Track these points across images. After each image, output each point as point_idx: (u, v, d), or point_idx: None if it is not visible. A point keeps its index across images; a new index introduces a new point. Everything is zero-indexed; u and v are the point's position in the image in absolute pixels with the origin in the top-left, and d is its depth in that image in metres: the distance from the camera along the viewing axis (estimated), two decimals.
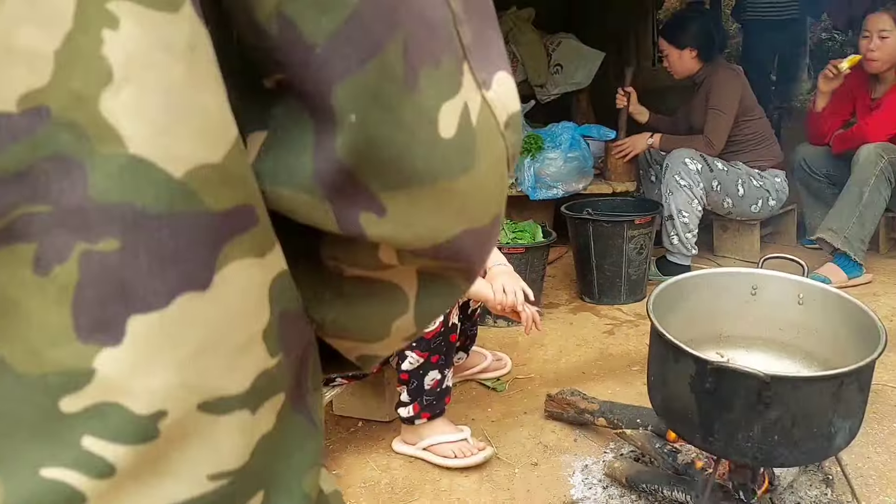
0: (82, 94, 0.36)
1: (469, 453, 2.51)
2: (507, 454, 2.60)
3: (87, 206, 0.37)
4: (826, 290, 2.27)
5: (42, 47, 0.35)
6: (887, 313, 3.50)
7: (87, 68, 0.36)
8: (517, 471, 2.52)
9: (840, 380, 1.84)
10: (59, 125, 0.36)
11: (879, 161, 3.67)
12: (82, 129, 0.36)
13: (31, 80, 0.35)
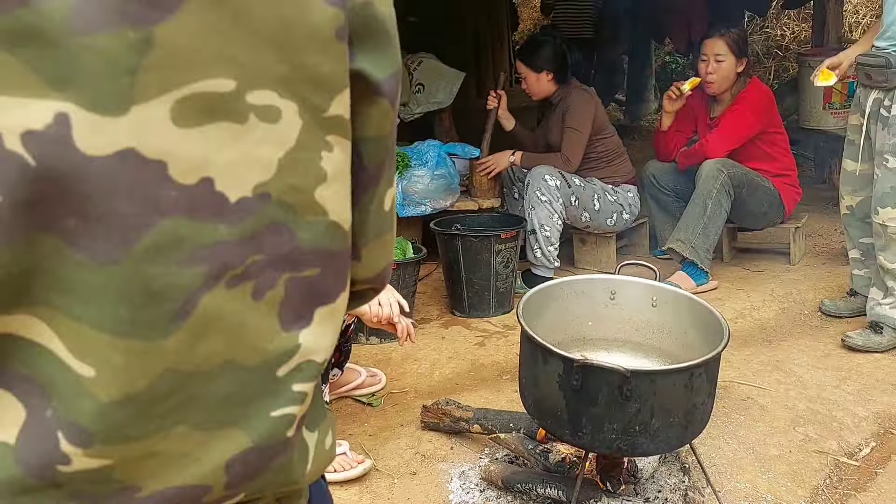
0: (300, 186, 0.58)
1: (348, 466, 2.55)
2: (385, 465, 2.66)
3: (296, 252, 0.59)
4: (676, 292, 2.47)
5: (271, 157, 0.56)
6: (732, 316, 3.78)
7: (306, 171, 0.58)
8: (396, 481, 2.58)
9: (691, 372, 2.01)
10: (275, 205, 0.57)
11: (720, 175, 3.97)
12: (292, 207, 0.58)
13: (261, 177, 0.55)
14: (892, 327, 3.38)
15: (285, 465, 0.63)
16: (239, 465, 0.59)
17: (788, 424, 2.87)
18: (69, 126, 0.47)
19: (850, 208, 3.63)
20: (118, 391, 0.52)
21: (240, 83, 0.53)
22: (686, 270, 4.04)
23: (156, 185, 0.50)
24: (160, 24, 0.49)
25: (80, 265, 0.50)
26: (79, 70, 0.47)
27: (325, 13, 0.57)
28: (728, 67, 4.08)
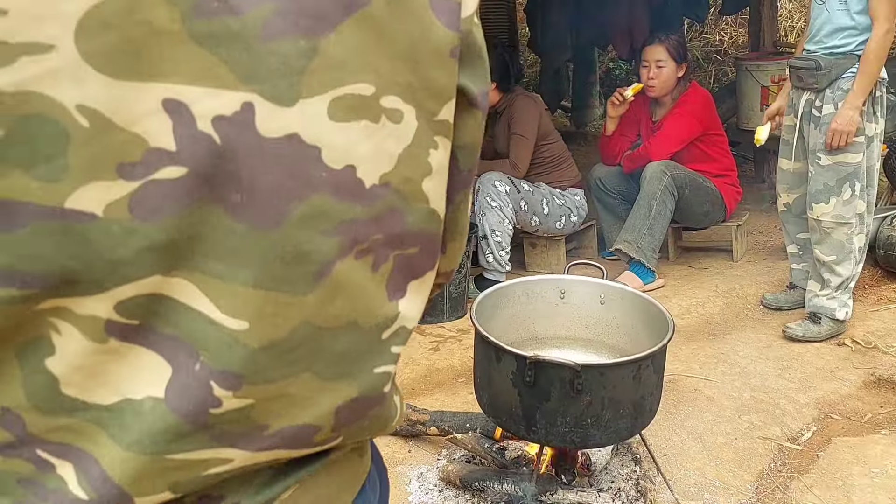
0: (412, 177, 0.68)
1: None
2: None
3: (405, 233, 0.69)
4: (623, 289, 2.56)
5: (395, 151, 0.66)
6: (678, 312, 3.91)
7: (417, 165, 0.68)
8: None
9: (638, 364, 2.10)
10: (393, 192, 0.67)
11: (663, 177, 4.09)
12: (405, 195, 0.68)
13: (386, 168, 0.66)
14: (830, 317, 3.53)
15: (379, 415, 0.75)
16: (345, 411, 0.70)
17: (734, 413, 2.98)
18: (253, 113, 0.58)
19: (786, 205, 3.77)
20: (266, 338, 0.62)
21: (377, 89, 0.64)
22: (633, 270, 4.15)
23: (311, 165, 0.61)
24: (324, 36, 0.60)
25: (241, 233, 0.59)
26: (263, 68, 0.58)
27: (446, 36, 0.68)
28: (668, 73, 4.22)
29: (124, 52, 0.53)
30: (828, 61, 3.35)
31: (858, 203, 3.44)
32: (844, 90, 3.34)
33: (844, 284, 3.52)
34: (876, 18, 3.21)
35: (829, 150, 3.37)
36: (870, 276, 4.18)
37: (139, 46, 0.53)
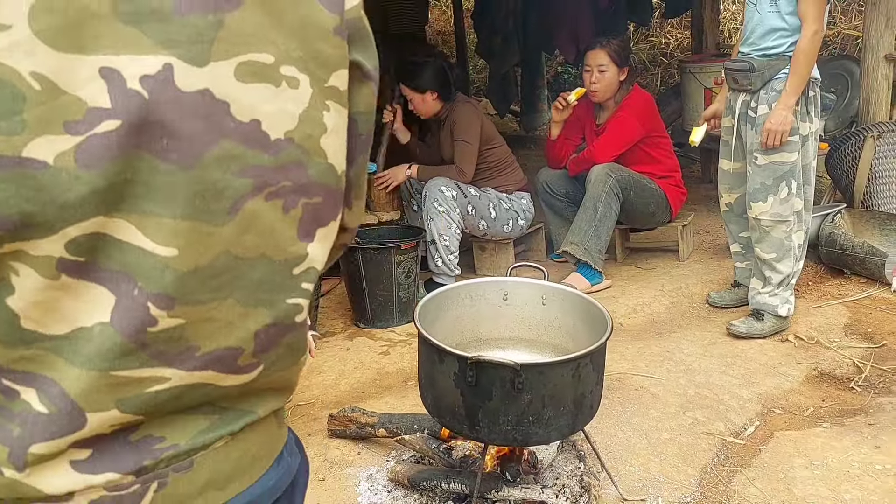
0: (312, 134, 0.81)
1: None
2: None
3: (309, 183, 0.82)
4: (563, 290, 2.59)
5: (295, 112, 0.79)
6: (625, 312, 3.97)
7: (315, 125, 0.81)
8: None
9: (577, 362, 2.13)
10: (296, 147, 0.79)
11: (608, 179, 4.15)
12: (308, 150, 0.81)
13: (289, 126, 0.78)
14: (772, 314, 3.60)
15: (291, 345, 0.87)
16: (263, 335, 0.82)
17: (679, 409, 3.03)
18: (172, 72, 0.69)
19: (728, 205, 3.85)
20: (193, 263, 0.74)
21: (276, 59, 0.77)
22: (580, 271, 4.20)
23: (222, 116, 0.73)
24: (229, 13, 0.73)
25: (166, 172, 0.70)
26: (179, 36, 0.70)
27: (329, 17, 0.83)
28: (611, 76, 4.28)
29: (67, 30, 0.64)
30: (761, 63, 3.42)
31: (796, 201, 3.52)
32: (778, 91, 3.41)
33: (786, 281, 3.59)
34: (805, 20, 3.29)
35: (765, 149, 3.44)
36: (813, 272, 4.28)
37: (79, 26, 0.65)
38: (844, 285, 4.12)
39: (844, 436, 2.81)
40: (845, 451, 2.71)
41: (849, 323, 3.71)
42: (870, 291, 3.99)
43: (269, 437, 0.90)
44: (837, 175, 4.71)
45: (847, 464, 2.65)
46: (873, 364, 3.31)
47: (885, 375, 3.23)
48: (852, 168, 4.52)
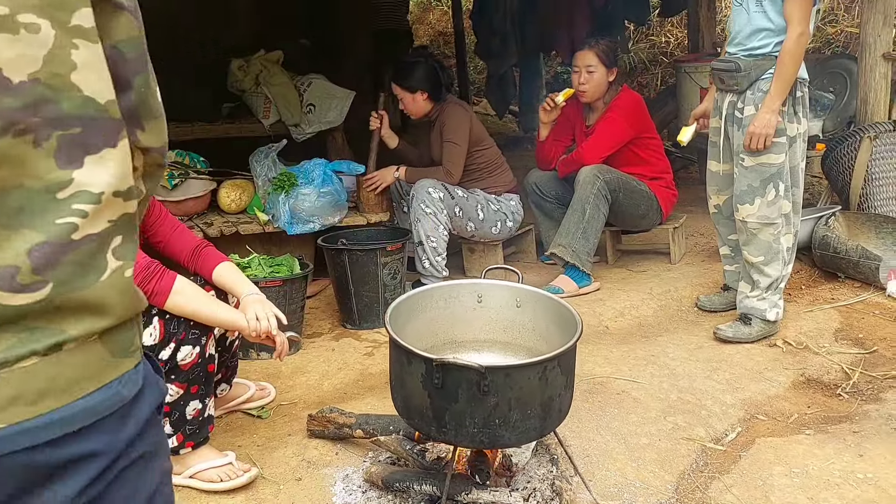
0: (59, 72, 0.89)
1: (234, 476, 2.59)
2: (271, 473, 2.69)
3: (62, 116, 0.90)
4: (537, 293, 2.57)
5: (38, 55, 0.88)
6: (612, 315, 3.94)
7: (63, 63, 0.90)
8: (282, 487, 2.62)
9: (544, 365, 2.11)
10: (44, 86, 0.88)
11: (596, 181, 4.12)
12: (57, 87, 0.89)
13: (33, 68, 0.87)
14: (761, 318, 3.57)
15: (80, 262, 0.94)
16: (37, 253, 0.90)
17: (659, 414, 3.00)
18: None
19: (717, 207, 3.82)
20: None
21: (11, 9, 0.86)
22: (568, 274, 4.17)
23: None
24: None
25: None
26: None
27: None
28: (599, 77, 4.25)
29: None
30: (747, 63, 3.40)
31: (783, 203, 3.49)
32: (764, 91, 3.38)
33: (774, 285, 3.56)
34: (790, 21, 3.26)
35: (749, 152, 3.41)
36: (807, 276, 4.24)
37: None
38: (838, 289, 4.08)
39: (827, 443, 2.77)
40: (827, 458, 2.68)
41: (840, 328, 3.66)
42: (863, 296, 3.94)
43: (91, 362, 0.96)
44: (834, 176, 4.67)
45: (828, 472, 2.61)
46: (862, 370, 3.27)
47: (874, 382, 3.19)
48: (848, 169, 4.48)
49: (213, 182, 4.46)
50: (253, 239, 4.14)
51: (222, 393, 3.04)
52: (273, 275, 3.55)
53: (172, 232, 2.81)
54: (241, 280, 2.77)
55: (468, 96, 9.36)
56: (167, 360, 2.47)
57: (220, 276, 2.77)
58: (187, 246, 2.80)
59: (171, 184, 4.32)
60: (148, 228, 2.79)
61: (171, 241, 2.80)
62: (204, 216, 4.38)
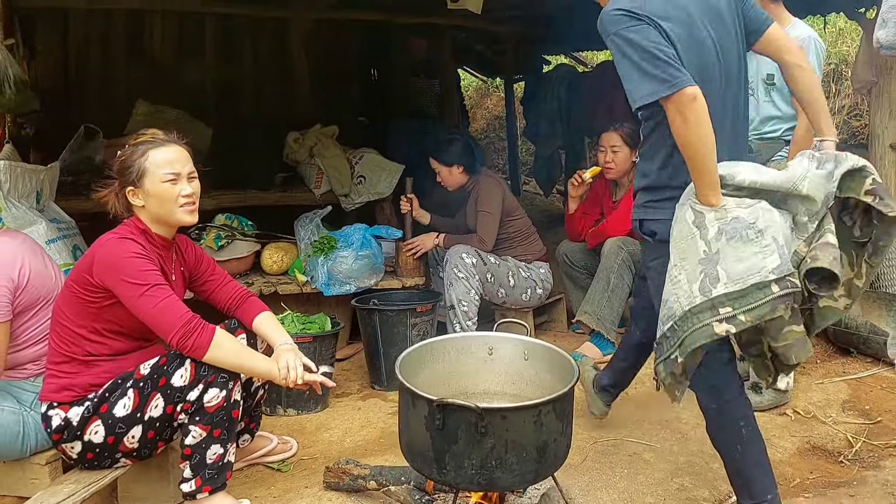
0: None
1: None
2: None
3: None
4: (544, 345, 2.72)
5: None
6: (633, 383, 4.01)
7: None
8: None
9: (539, 409, 2.25)
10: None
11: (620, 252, 4.29)
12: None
13: None
14: (771, 388, 3.63)
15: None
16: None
17: (667, 475, 3.08)
18: None
19: None
20: None
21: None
22: (593, 341, 4.31)
23: None
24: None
25: None
26: None
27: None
28: (623, 157, 4.48)
29: None
30: (758, 145, 3.59)
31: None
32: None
33: None
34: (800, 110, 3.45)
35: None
36: (821, 351, 4.31)
37: None
38: (849, 364, 4.18)
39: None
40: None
41: (848, 399, 3.74)
42: (873, 370, 4.04)
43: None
44: None
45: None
46: (865, 439, 3.33)
47: (876, 450, 3.25)
48: None
49: (258, 244, 4.72)
50: (291, 299, 4.35)
51: (244, 443, 3.16)
52: (304, 331, 3.74)
53: (221, 285, 3.01)
54: (277, 330, 2.91)
55: (517, 175, 9.65)
56: (194, 402, 2.61)
57: (260, 325, 2.93)
58: (233, 294, 2.99)
59: (216, 245, 4.59)
60: (197, 280, 2.98)
61: (217, 291, 3.00)
62: (246, 276, 4.62)
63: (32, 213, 3.68)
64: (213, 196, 5.19)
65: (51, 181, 4.07)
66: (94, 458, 2.68)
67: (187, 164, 2.72)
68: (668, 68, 2.26)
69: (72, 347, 2.67)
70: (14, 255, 2.78)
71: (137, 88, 6.34)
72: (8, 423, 2.70)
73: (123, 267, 2.56)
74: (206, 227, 4.68)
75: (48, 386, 2.69)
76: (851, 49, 8.70)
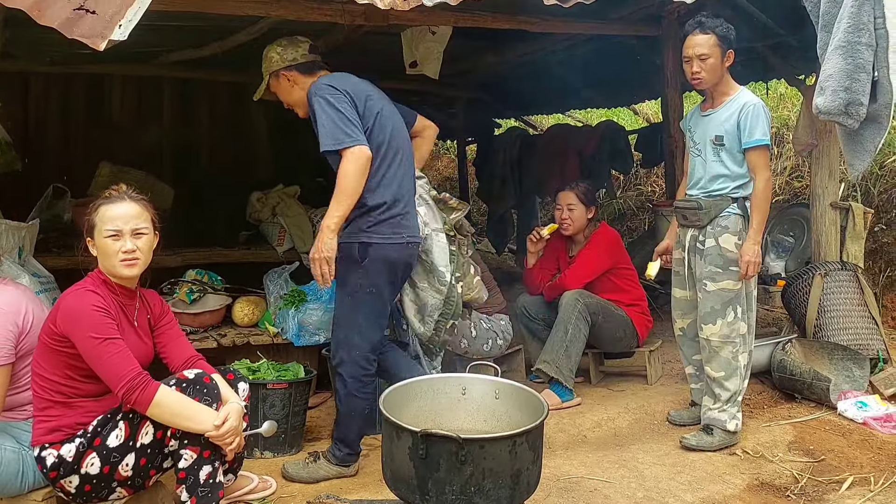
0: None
1: None
2: None
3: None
4: (513, 385, 2.96)
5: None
6: (590, 426, 4.28)
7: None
8: None
9: (513, 440, 2.48)
10: None
11: (577, 304, 4.57)
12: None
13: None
14: (722, 428, 3.92)
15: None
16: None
17: None
18: None
19: (682, 330, 4.23)
20: None
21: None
22: (552, 389, 4.54)
23: None
24: None
25: None
26: None
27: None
28: (579, 214, 4.81)
29: None
30: (707, 202, 3.90)
31: (741, 325, 3.90)
32: (723, 226, 3.86)
33: (733, 398, 3.93)
34: (756, 171, 3.80)
35: (745, 279, 3.84)
36: (768, 397, 4.59)
37: None
38: (795, 408, 4.43)
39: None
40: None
41: (793, 440, 4.00)
42: (817, 414, 4.29)
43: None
44: (792, 309, 5.11)
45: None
46: (811, 476, 3.59)
47: (820, 486, 3.51)
48: (804, 303, 4.92)
49: (229, 297, 4.90)
50: (262, 349, 4.53)
51: (228, 482, 3.28)
52: (280, 378, 3.92)
53: (174, 339, 3.13)
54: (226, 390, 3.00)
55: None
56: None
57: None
58: (183, 355, 3.11)
59: (189, 298, 4.76)
60: (157, 332, 3.10)
61: (169, 347, 3.11)
62: (218, 328, 4.79)
63: (16, 267, 3.84)
64: (179, 253, 5.39)
65: (31, 237, 4.24)
66: (91, 490, 2.83)
67: (132, 221, 2.87)
68: (351, 128, 3.35)
69: (51, 393, 2.83)
70: (19, 302, 2.94)
71: (97, 149, 6.56)
72: (9, 461, 2.82)
73: (80, 319, 2.73)
74: (179, 281, 4.84)
75: (38, 430, 2.84)
76: (792, 113, 9.17)
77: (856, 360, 4.61)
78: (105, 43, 2.69)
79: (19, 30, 4.46)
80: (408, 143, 3.75)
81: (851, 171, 3.89)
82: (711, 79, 3.86)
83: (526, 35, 5.36)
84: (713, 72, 3.83)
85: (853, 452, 3.83)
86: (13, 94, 6.60)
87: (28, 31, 3.94)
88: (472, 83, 8.09)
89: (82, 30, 2.75)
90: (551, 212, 9.76)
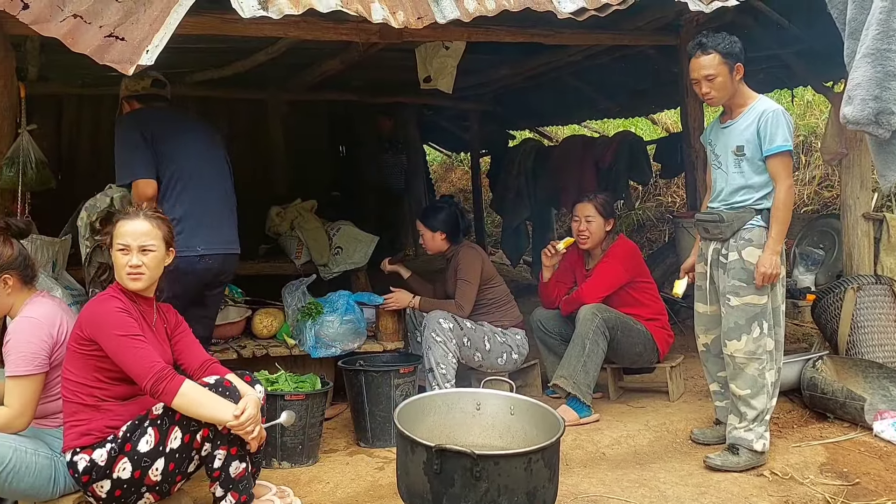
0: None
1: None
2: None
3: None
4: (528, 401, 2.90)
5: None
6: (609, 443, 4.19)
7: None
8: None
9: (529, 457, 2.42)
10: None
11: (595, 318, 4.48)
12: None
13: None
14: (748, 448, 3.80)
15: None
16: None
17: None
18: None
19: (705, 346, 4.14)
20: None
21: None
22: (570, 404, 4.46)
23: None
24: None
25: None
26: None
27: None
28: (597, 226, 4.74)
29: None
30: (729, 215, 3.81)
31: (767, 341, 3.79)
32: (746, 239, 3.77)
33: (760, 417, 3.82)
34: (777, 178, 3.71)
35: (758, 288, 3.74)
36: (798, 416, 4.46)
37: None
38: (827, 428, 4.28)
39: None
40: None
41: (825, 462, 3.84)
42: (851, 435, 4.14)
43: None
44: (823, 324, 5.00)
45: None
46: (844, 499, 3.42)
47: None
48: (836, 318, 4.81)
49: (249, 310, 5.00)
50: (280, 360, 4.53)
51: None
52: (297, 389, 3.90)
53: (189, 346, 3.28)
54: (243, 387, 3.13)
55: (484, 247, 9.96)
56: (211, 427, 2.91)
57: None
58: (199, 359, 3.26)
59: None
60: (174, 339, 3.24)
61: (186, 352, 3.26)
62: (238, 340, 4.90)
63: (50, 280, 4.05)
64: None
65: (64, 252, 4.44)
66: (121, 495, 2.93)
67: (140, 238, 3.02)
68: (139, 161, 3.80)
69: (81, 396, 2.95)
70: (55, 314, 3.08)
71: None
72: (42, 466, 2.95)
73: (105, 321, 2.90)
74: None
75: (69, 436, 2.96)
76: (820, 121, 8.97)
77: (892, 379, 4.47)
78: (133, 68, 2.95)
79: (54, 55, 4.86)
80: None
81: (883, 182, 3.81)
82: (723, 96, 3.80)
83: (540, 47, 5.33)
84: (723, 89, 3.77)
85: (891, 476, 3.68)
86: (48, 116, 6.90)
87: (62, 57, 4.21)
88: (486, 96, 8.11)
89: (112, 56, 3.03)
90: (567, 223, 9.78)
